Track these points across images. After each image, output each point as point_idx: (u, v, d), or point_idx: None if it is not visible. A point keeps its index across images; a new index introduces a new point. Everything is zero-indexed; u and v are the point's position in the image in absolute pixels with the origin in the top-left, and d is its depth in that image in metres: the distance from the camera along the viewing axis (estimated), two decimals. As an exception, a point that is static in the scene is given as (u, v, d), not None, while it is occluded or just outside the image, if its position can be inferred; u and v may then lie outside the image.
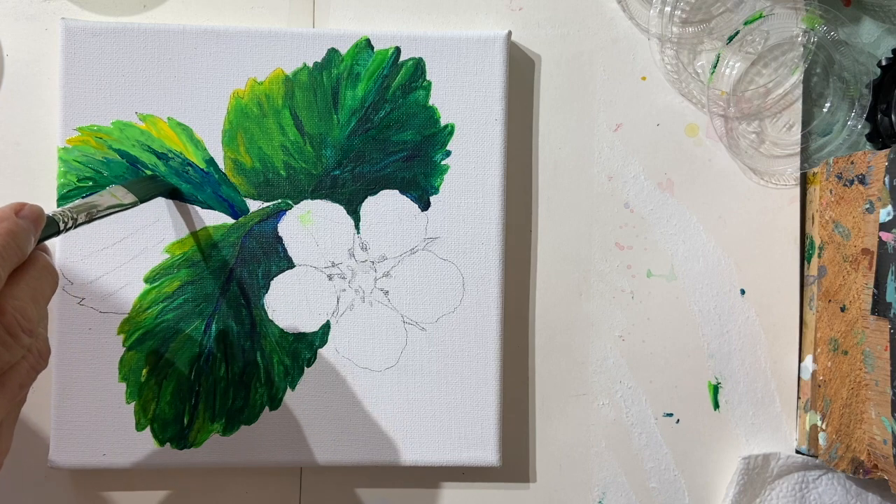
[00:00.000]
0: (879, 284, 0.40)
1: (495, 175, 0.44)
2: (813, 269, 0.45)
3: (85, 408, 0.42)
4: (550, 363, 0.45)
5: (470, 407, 0.44)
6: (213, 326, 0.43)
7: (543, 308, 0.45)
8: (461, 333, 0.44)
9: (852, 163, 0.42)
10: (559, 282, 0.45)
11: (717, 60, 0.45)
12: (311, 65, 0.43)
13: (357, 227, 0.44)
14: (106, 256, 0.43)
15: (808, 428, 0.44)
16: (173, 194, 0.43)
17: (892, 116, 0.45)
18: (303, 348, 0.43)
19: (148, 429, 0.43)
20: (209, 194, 0.43)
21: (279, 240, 0.43)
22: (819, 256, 0.44)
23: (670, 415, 0.45)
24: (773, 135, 0.46)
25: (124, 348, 0.43)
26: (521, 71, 0.45)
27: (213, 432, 0.43)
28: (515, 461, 0.45)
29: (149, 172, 0.43)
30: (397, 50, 0.43)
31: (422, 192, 0.44)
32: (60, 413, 0.42)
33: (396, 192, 0.44)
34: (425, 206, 0.44)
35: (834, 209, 0.43)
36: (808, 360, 0.45)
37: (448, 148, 0.44)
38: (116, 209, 0.37)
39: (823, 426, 0.43)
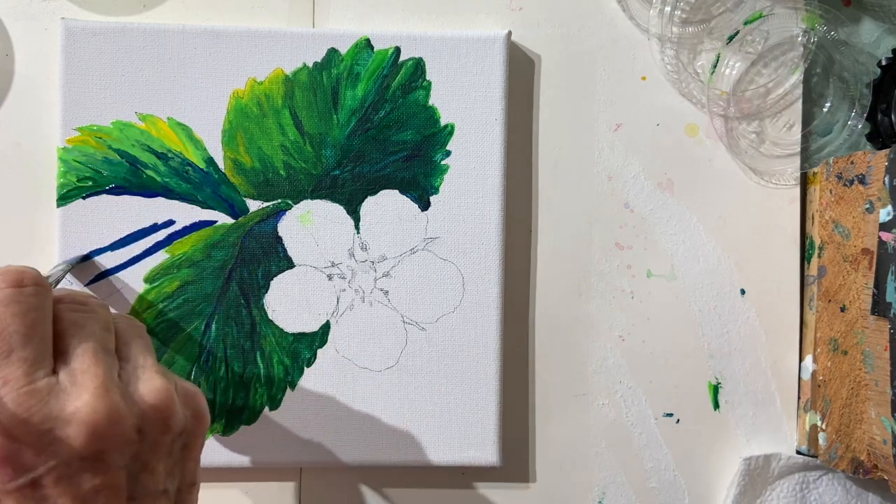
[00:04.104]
0: (879, 284, 0.40)
1: (495, 175, 0.44)
2: (813, 269, 0.45)
3: (85, 408, 0.42)
4: (550, 363, 0.45)
5: (470, 407, 0.44)
6: (213, 326, 0.43)
7: (543, 308, 0.45)
8: (461, 333, 0.44)
9: (852, 163, 0.42)
10: (559, 282, 0.45)
11: (717, 60, 0.45)
12: (310, 65, 0.43)
13: (357, 227, 0.44)
14: (105, 257, 0.43)
15: (807, 428, 0.44)
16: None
17: (892, 116, 0.45)
18: (303, 348, 0.43)
19: (148, 429, 0.43)
20: (209, 194, 0.43)
21: (279, 240, 0.43)
22: (819, 256, 0.44)
23: (670, 415, 0.45)
24: (773, 135, 0.46)
25: (124, 348, 0.43)
26: (521, 71, 0.45)
27: (214, 432, 0.43)
28: (515, 461, 0.45)
29: (149, 172, 0.43)
30: (397, 50, 0.43)
31: (422, 192, 0.44)
32: (60, 413, 0.42)
33: (396, 192, 0.44)
34: (425, 206, 0.44)
35: (834, 209, 0.43)
36: (808, 360, 0.45)
37: (448, 148, 0.44)
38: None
39: (823, 426, 0.43)
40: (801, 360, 0.46)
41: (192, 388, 0.32)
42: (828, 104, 0.46)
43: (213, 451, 0.43)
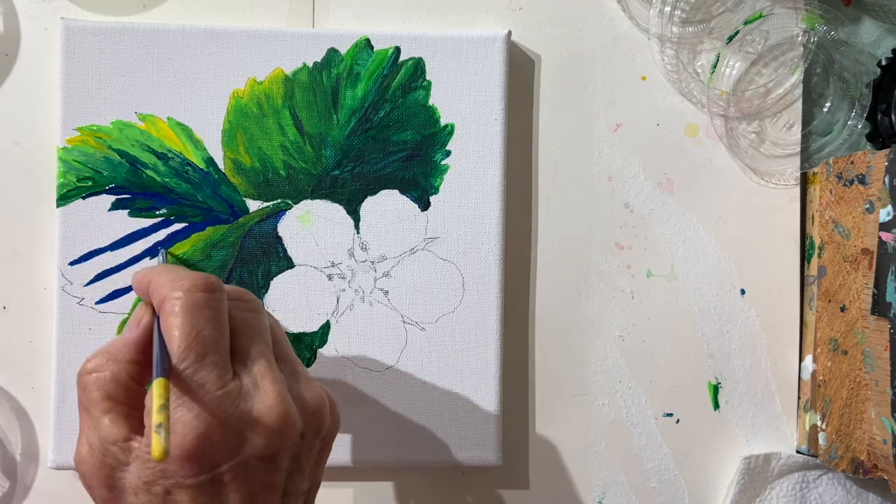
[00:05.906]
0: (879, 284, 0.40)
1: (495, 175, 0.44)
2: (813, 269, 0.45)
3: (85, 408, 0.42)
4: (550, 363, 0.45)
5: (470, 407, 0.44)
6: (213, 326, 0.43)
7: (543, 308, 0.45)
8: (461, 333, 0.44)
9: (852, 163, 0.42)
10: (559, 282, 0.45)
11: (717, 60, 0.45)
12: (310, 65, 0.43)
13: (357, 227, 0.44)
14: (105, 257, 0.43)
15: (808, 428, 0.44)
16: None
17: (892, 116, 0.45)
18: (303, 348, 0.43)
19: (148, 429, 0.43)
20: (208, 194, 0.43)
21: (279, 240, 0.43)
22: (819, 256, 0.44)
23: (670, 415, 0.45)
24: (773, 135, 0.46)
25: (124, 348, 0.43)
26: (521, 71, 0.45)
27: (213, 432, 0.43)
28: (515, 461, 0.45)
29: (149, 172, 0.43)
30: (397, 50, 0.43)
31: (422, 192, 0.44)
32: (60, 413, 0.42)
33: (396, 192, 0.44)
34: (425, 206, 0.44)
35: (834, 209, 0.43)
36: (808, 360, 0.45)
37: (448, 148, 0.44)
38: None
39: (823, 426, 0.43)
40: (801, 360, 0.46)
41: (332, 394, 0.34)
42: (828, 104, 0.46)
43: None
